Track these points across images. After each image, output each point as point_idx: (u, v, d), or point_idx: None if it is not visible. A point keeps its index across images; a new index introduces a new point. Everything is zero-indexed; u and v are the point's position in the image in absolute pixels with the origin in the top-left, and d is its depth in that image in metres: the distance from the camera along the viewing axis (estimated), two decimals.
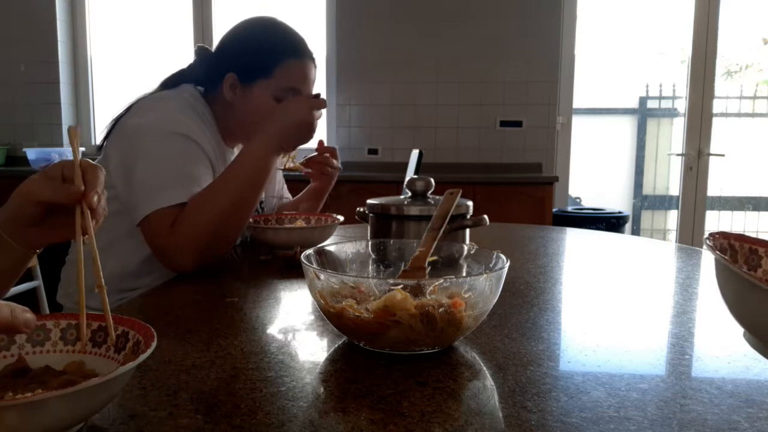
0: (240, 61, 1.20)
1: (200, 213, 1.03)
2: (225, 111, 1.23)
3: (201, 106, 1.21)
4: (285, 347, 0.68)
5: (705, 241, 0.61)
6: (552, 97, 3.72)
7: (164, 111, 1.12)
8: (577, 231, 1.72)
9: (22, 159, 3.78)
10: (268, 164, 1.08)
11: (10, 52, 3.99)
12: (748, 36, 4.19)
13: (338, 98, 3.88)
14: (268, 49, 1.19)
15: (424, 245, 0.76)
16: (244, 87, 1.20)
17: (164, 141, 1.08)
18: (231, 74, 1.19)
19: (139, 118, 1.11)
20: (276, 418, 0.50)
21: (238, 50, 1.21)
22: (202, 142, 1.13)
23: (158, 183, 1.04)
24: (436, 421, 0.50)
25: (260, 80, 1.19)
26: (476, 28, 3.71)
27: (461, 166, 3.74)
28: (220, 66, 1.21)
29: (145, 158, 1.07)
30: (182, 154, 1.08)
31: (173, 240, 1.01)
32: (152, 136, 1.08)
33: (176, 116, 1.11)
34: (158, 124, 1.09)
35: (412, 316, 0.61)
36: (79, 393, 0.40)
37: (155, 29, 4.08)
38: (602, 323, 0.81)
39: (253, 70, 1.19)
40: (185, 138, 1.10)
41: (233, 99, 1.21)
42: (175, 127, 1.09)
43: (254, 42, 1.21)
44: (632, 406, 0.52)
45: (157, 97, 1.18)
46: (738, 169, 4.11)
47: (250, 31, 1.23)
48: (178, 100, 1.17)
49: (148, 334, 0.51)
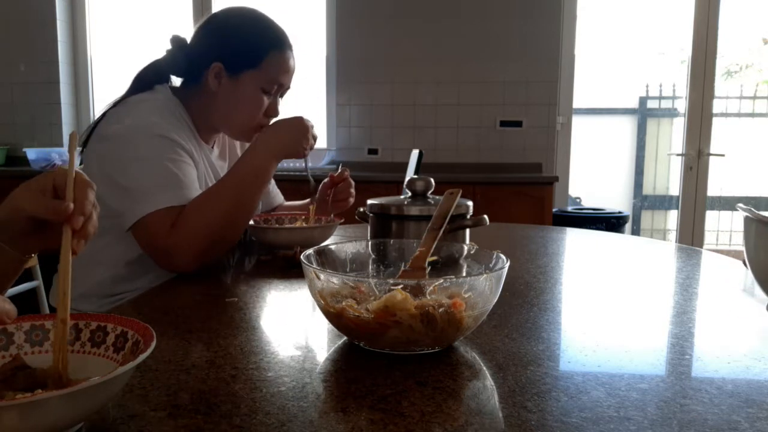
0: (227, 51, 1.18)
1: (202, 214, 1.03)
2: (204, 103, 1.22)
3: (175, 106, 1.20)
4: (285, 347, 0.68)
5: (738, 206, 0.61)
6: (552, 97, 3.72)
7: (142, 114, 1.12)
8: (577, 231, 1.72)
9: (22, 159, 3.78)
10: (269, 169, 1.11)
11: (10, 52, 3.99)
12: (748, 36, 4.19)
13: (338, 98, 3.88)
14: (256, 40, 1.19)
15: (424, 245, 0.76)
16: (230, 77, 1.19)
17: (148, 144, 1.08)
18: (217, 63, 1.18)
19: (117, 124, 1.10)
20: (276, 418, 0.50)
21: (225, 40, 1.20)
22: (183, 142, 1.13)
23: (149, 186, 1.04)
24: (436, 421, 0.50)
25: (247, 71, 1.18)
26: (476, 28, 3.71)
27: (461, 166, 3.74)
28: (204, 56, 1.19)
29: (132, 163, 1.06)
30: (168, 157, 1.08)
31: (174, 240, 1.01)
32: (135, 140, 1.08)
33: (154, 119, 1.11)
34: (139, 128, 1.09)
35: (412, 317, 0.60)
36: (79, 393, 0.40)
37: (155, 29, 4.08)
38: (602, 323, 0.81)
39: (241, 61, 1.18)
40: (167, 140, 1.10)
41: (217, 89, 1.19)
42: (155, 131, 1.09)
43: (242, 32, 1.20)
44: (632, 406, 0.52)
45: (133, 102, 1.16)
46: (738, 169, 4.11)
47: (236, 21, 1.22)
48: (153, 103, 1.16)
49: (147, 334, 0.50)
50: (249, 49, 1.18)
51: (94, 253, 1.08)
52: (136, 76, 1.23)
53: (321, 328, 0.75)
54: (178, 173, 1.07)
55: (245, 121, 1.22)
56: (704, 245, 3.85)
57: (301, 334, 0.74)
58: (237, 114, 1.21)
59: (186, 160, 1.12)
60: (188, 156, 1.13)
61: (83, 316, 0.55)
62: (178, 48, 1.23)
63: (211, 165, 1.28)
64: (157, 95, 1.20)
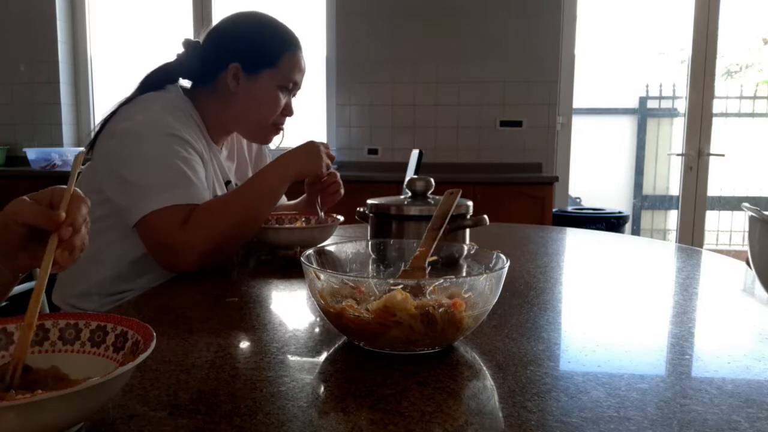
0: (244, 52, 1.21)
1: (216, 216, 1.05)
2: (218, 104, 1.23)
3: (187, 106, 1.21)
4: (285, 347, 0.68)
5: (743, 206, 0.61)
6: (552, 97, 3.72)
7: (153, 113, 1.12)
8: (577, 231, 1.72)
9: (22, 159, 3.78)
10: (281, 189, 1.15)
11: (10, 52, 3.99)
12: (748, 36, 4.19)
13: (338, 98, 3.88)
14: (272, 40, 1.22)
15: (424, 245, 0.76)
16: (248, 77, 1.21)
17: (159, 142, 1.08)
18: (235, 64, 1.20)
19: (128, 120, 1.11)
20: (276, 418, 0.50)
21: (241, 42, 1.22)
22: (194, 141, 1.14)
23: (158, 183, 1.04)
24: (436, 421, 0.50)
25: (265, 70, 1.21)
26: (476, 28, 3.71)
27: (461, 166, 3.74)
28: (221, 57, 1.21)
29: (142, 159, 1.07)
30: (179, 156, 1.09)
31: (183, 238, 1.02)
32: (146, 137, 1.08)
33: (166, 117, 1.12)
34: (149, 126, 1.09)
35: (412, 317, 0.60)
36: (79, 393, 0.40)
37: (155, 29, 4.08)
38: (602, 323, 0.81)
39: (259, 60, 1.21)
40: (178, 138, 1.10)
41: (236, 89, 1.21)
42: (166, 129, 1.10)
43: (257, 34, 1.23)
44: (632, 406, 0.52)
45: (144, 99, 1.17)
46: (738, 169, 4.11)
47: (249, 24, 1.25)
48: (165, 101, 1.17)
49: (147, 334, 0.50)
50: (266, 49, 1.22)
51: (96, 251, 1.08)
52: (145, 77, 1.24)
53: (321, 328, 0.75)
54: (188, 172, 1.08)
55: (264, 120, 1.25)
56: (704, 245, 3.85)
57: (301, 334, 0.74)
58: (256, 112, 1.24)
59: (196, 160, 1.13)
60: (198, 156, 1.14)
61: (83, 315, 0.55)
62: (192, 51, 1.24)
63: (220, 165, 1.28)
64: (168, 94, 1.20)
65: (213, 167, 1.24)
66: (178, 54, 1.25)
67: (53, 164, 3.68)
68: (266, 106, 1.23)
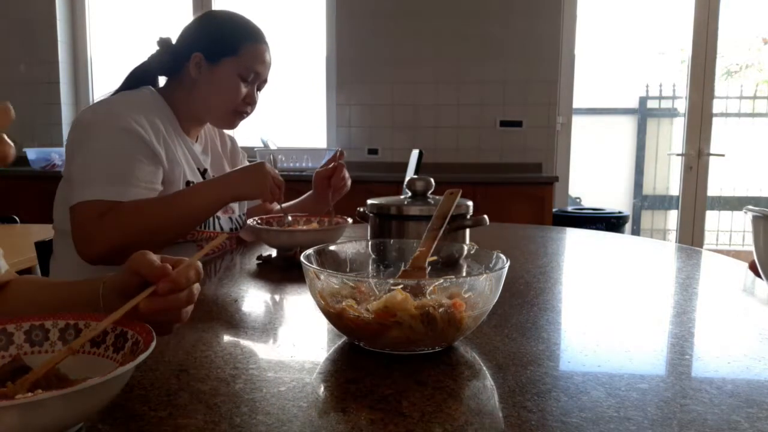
0: (206, 41, 1.26)
1: (133, 217, 1.07)
2: (185, 93, 1.28)
3: (157, 101, 1.26)
4: (285, 347, 0.68)
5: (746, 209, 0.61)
6: (552, 97, 3.72)
7: (117, 106, 1.18)
8: (577, 231, 1.72)
9: (22, 159, 3.78)
10: (218, 204, 1.16)
11: (10, 52, 3.99)
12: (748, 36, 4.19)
13: (338, 98, 3.87)
14: (234, 31, 1.27)
15: (424, 245, 0.76)
16: (210, 65, 1.25)
17: (109, 136, 1.12)
18: (198, 54, 1.24)
19: (92, 113, 1.17)
20: (276, 418, 0.50)
21: (205, 33, 1.28)
22: (151, 135, 1.16)
23: (90, 176, 1.09)
24: (436, 421, 0.50)
25: (226, 58, 1.25)
26: (476, 28, 3.71)
27: (461, 166, 3.73)
28: (186, 48, 1.26)
29: (88, 152, 1.11)
30: (124, 153, 1.12)
31: (99, 228, 1.05)
32: (97, 130, 1.13)
33: (127, 112, 1.15)
34: (106, 119, 1.14)
35: (412, 317, 0.60)
36: (79, 393, 0.40)
37: (155, 29, 4.08)
38: (602, 323, 0.81)
39: (220, 48, 1.25)
40: (132, 135, 1.13)
41: (198, 77, 1.25)
42: (121, 123, 1.13)
43: (220, 24, 1.29)
44: (632, 406, 0.52)
45: (113, 95, 1.24)
46: (738, 169, 4.11)
47: (214, 16, 1.32)
48: (132, 98, 1.23)
49: (147, 334, 0.50)
50: (227, 38, 1.26)
51: None
52: (126, 77, 1.31)
53: (321, 328, 0.75)
54: (126, 170, 1.10)
55: (225, 106, 1.28)
56: (704, 245, 3.85)
57: (302, 334, 0.74)
58: (217, 99, 1.27)
59: (146, 155, 1.14)
60: (150, 151, 1.15)
61: (83, 316, 0.55)
62: (165, 48, 1.30)
63: (193, 155, 1.31)
64: (139, 92, 1.26)
65: (184, 156, 1.26)
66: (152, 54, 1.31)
67: (53, 164, 3.68)
68: (227, 92, 1.26)
